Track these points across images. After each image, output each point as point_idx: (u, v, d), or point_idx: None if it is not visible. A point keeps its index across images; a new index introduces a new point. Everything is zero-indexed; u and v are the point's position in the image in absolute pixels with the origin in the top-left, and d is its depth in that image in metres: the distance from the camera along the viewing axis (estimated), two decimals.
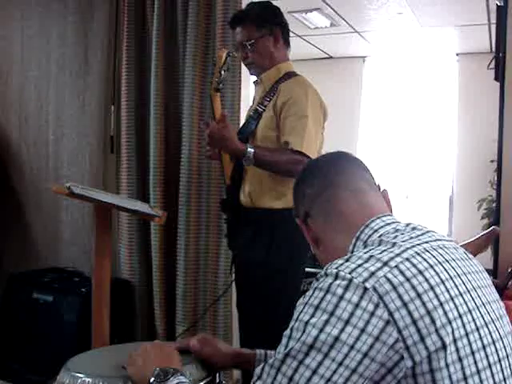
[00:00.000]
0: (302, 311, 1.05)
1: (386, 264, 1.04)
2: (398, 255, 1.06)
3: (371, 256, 1.06)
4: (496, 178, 2.92)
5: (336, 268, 1.05)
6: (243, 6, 3.03)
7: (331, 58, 8.02)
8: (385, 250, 1.08)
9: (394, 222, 1.22)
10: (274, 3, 2.64)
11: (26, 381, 3.21)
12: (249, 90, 3.20)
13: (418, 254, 1.08)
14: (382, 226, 1.20)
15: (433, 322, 1.00)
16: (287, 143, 2.37)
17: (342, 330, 0.99)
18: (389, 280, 1.01)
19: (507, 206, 2.76)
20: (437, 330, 1.00)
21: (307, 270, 2.65)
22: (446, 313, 1.02)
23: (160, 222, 2.72)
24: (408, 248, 1.09)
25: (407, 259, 1.06)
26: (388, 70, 8.01)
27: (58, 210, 3.76)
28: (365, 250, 1.10)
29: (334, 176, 1.29)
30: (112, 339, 2.42)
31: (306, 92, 2.42)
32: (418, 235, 1.15)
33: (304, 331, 1.02)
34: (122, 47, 3.46)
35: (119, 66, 3.51)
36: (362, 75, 8.00)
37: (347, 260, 1.07)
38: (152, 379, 1.24)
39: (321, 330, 1.00)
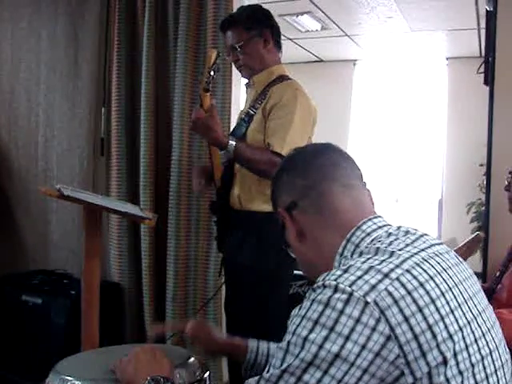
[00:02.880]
0: (299, 325, 1.01)
1: (386, 276, 1.01)
2: (397, 266, 1.03)
3: (371, 267, 1.03)
4: (485, 182, 2.93)
5: (335, 280, 1.02)
6: (234, 6, 3.04)
7: (322, 61, 8.03)
8: (384, 261, 1.05)
9: (385, 225, 1.20)
10: (265, 6, 2.64)
11: (14, 383, 3.20)
12: (239, 92, 3.20)
13: (418, 265, 1.05)
14: (374, 230, 1.17)
15: (434, 336, 0.98)
16: (269, 145, 2.36)
17: (343, 347, 0.96)
18: (390, 293, 0.99)
19: (496, 209, 2.78)
20: (438, 345, 0.98)
21: (296, 272, 2.64)
22: (446, 327, 1.00)
23: (151, 224, 2.72)
24: (407, 258, 1.06)
25: (407, 271, 1.03)
26: (378, 74, 8.03)
27: (47, 212, 3.75)
28: (362, 260, 1.07)
29: (328, 169, 1.24)
30: (101, 342, 2.41)
31: (295, 96, 2.40)
32: (413, 241, 1.13)
33: (303, 347, 0.99)
34: (113, 49, 3.46)
35: (110, 68, 3.50)
36: (353, 79, 8.01)
37: (346, 271, 1.03)
38: None
39: (320, 347, 0.97)
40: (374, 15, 5.79)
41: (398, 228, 1.18)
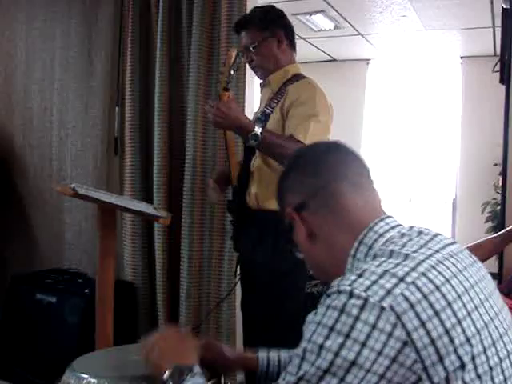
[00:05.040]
0: (315, 332, 1.00)
1: (402, 280, 1.00)
2: (413, 269, 1.02)
3: (385, 271, 1.01)
4: (500, 182, 2.91)
5: (349, 285, 1.00)
6: (248, 6, 3.04)
7: (335, 60, 8.02)
8: (399, 264, 1.03)
9: (397, 226, 1.18)
10: (279, 5, 2.64)
11: (28, 382, 3.21)
12: (253, 90, 3.19)
13: (434, 268, 1.03)
14: (386, 230, 1.15)
15: (451, 341, 0.97)
16: (291, 136, 2.32)
17: (359, 354, 0.95)
18: (406, 298, 0.97)
19: None
20: (455, 350, 0.97)
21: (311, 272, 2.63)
22: (464, 330, 0.99)
23: (165, 223, 2.72)
24: (422, 260, 1.04)
25: (423, 274, 1.01)
26: (392, 73, 8.01)
27: (61, 211, 3.76)
28: (377, 263, 1.05)
29: (339, 168, 1.22)
30: (115, 340, 2.41)
31: (314, 93, 2.39)
32: (427, 241, 1.11)
33: (319, 355, 0.98)
34: (127, 49, 3.46)
35: (123, 68, 3.51)
36: (366, 78, 8.00)
37: (360, 276, 1.02)
38: (166, 375, 1.22)
39: (336, 354, 0.96)
40: (387, 14, 5.77)
41: (411, 228, 1.16)
